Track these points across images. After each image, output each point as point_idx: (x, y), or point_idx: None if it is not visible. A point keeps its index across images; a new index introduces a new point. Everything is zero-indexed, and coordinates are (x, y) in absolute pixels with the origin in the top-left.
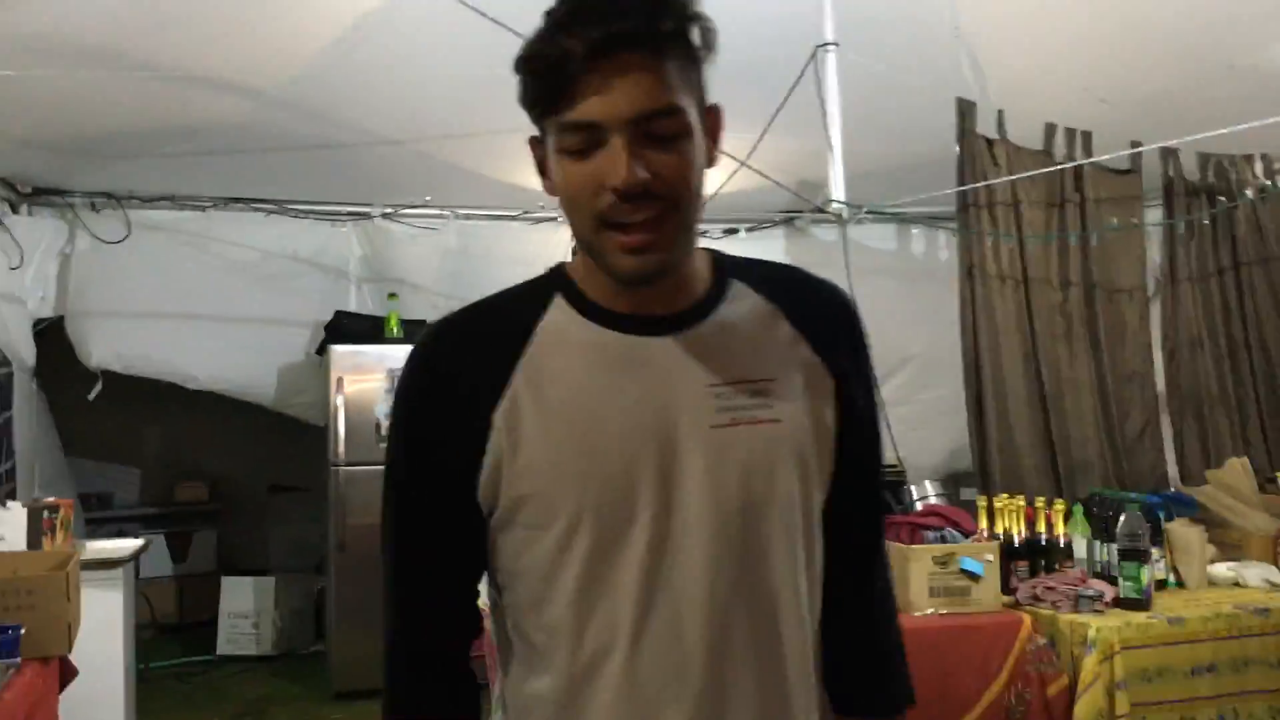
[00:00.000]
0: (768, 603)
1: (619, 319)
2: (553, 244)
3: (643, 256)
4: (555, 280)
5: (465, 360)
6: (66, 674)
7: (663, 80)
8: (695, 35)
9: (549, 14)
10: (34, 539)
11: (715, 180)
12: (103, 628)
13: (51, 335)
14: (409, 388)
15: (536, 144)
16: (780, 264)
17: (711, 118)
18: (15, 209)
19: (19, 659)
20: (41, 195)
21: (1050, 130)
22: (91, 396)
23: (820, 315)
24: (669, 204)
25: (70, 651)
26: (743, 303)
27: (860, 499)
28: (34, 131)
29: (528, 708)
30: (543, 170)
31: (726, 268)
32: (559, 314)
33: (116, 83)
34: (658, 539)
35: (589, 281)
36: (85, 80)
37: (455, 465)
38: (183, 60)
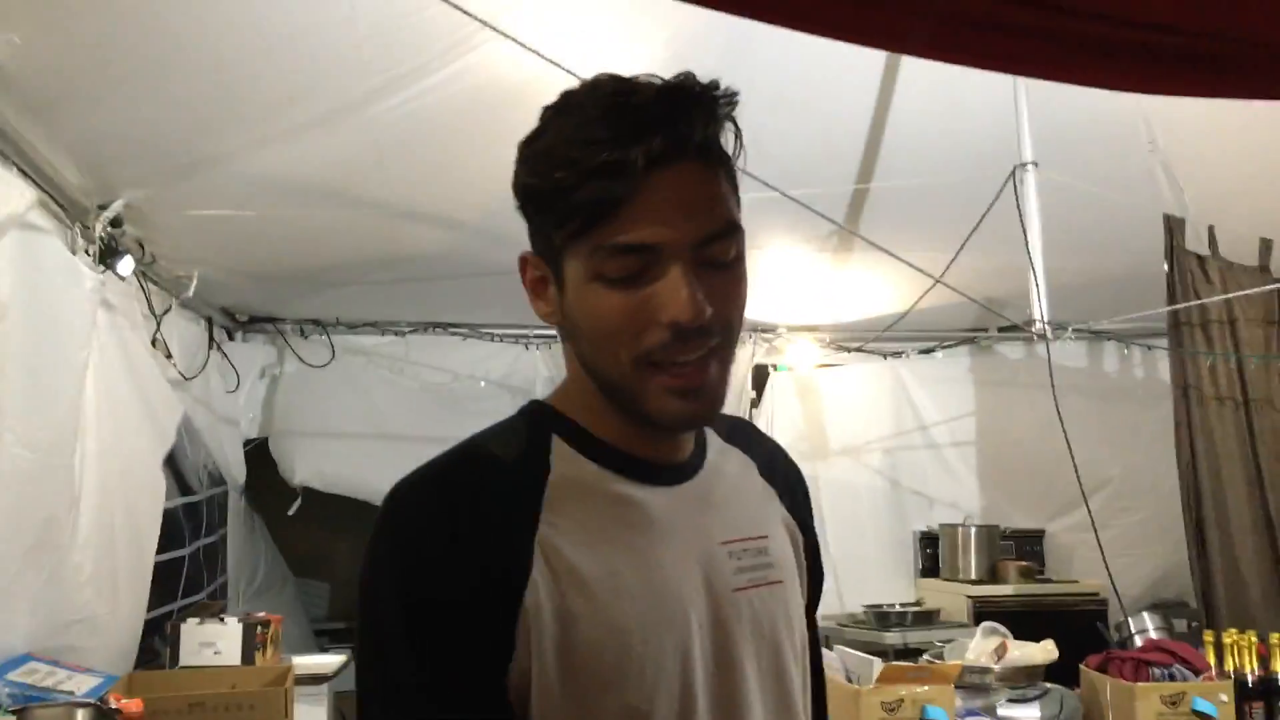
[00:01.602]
0: None
1: (635, 465)
2: None
3: (694, 401)
4: (544, 421)
5: (475, 535)
6: None
7: (720, 194)
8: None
9: (570, 110)
10: (248, 653)
11: (909, 298)
12: None
13: (250, 454)
14: (412, 570)
15: (534, 261)
16: (726, 413)
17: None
18: (232, 336)
19: None
20: (255, 322)
21: (1266, 245)
22: (291, 512)
23: (781, 470)
24: (722, 340)
25: None
26: (720, 451)
27: (812, 668)
28: (260, 266)
29: None
30: (538, 291)
31: None
32: (566, 465)
33: (336, 219)
34: (719, 711)
35: (596, 419)
36: (311, 217)
37: (483, 663)
38: (395, 196)
